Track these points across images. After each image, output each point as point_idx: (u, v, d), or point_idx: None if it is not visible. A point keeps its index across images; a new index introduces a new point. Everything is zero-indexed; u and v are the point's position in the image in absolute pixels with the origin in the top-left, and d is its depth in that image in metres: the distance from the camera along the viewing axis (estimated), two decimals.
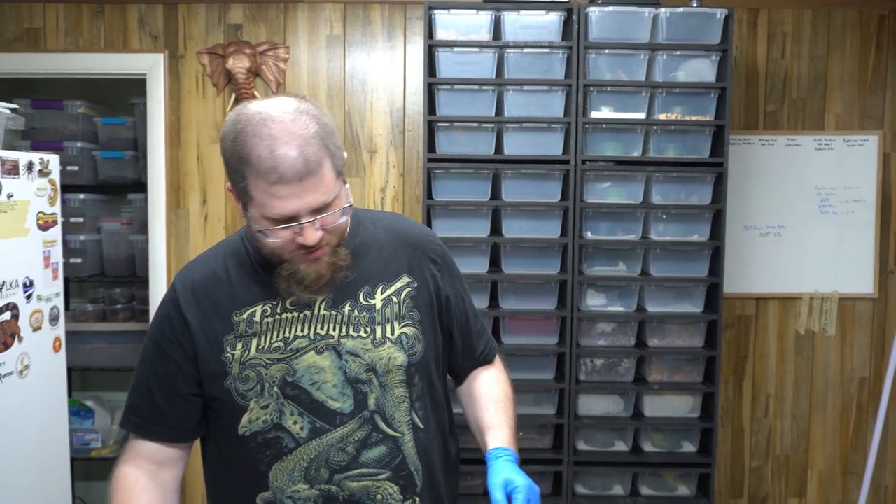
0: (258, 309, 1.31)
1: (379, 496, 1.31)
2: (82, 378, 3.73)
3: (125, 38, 3.04)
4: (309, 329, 1.31)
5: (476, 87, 2.62)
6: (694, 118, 2.64)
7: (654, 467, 2.77)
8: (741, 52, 3.06)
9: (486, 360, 1.54)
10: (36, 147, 3.17)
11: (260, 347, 1.30)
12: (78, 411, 3.34)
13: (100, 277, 3.43)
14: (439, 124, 2.64)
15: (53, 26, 3.04)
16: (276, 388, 1.28)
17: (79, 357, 3.33)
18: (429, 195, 2.67)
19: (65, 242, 3.18)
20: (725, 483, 3.21)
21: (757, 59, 3.07)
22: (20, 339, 2.29)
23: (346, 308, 1.33)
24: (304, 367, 1.29)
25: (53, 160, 2.49)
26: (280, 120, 1.18)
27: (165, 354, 1.33)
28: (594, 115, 2.63)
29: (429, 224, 2.70)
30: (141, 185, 3.26)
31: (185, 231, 3.07)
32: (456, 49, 2.62)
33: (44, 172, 2.41)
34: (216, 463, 1.40)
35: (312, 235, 1.22)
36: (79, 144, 3.30)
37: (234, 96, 2.99)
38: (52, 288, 2.47)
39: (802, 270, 3.14)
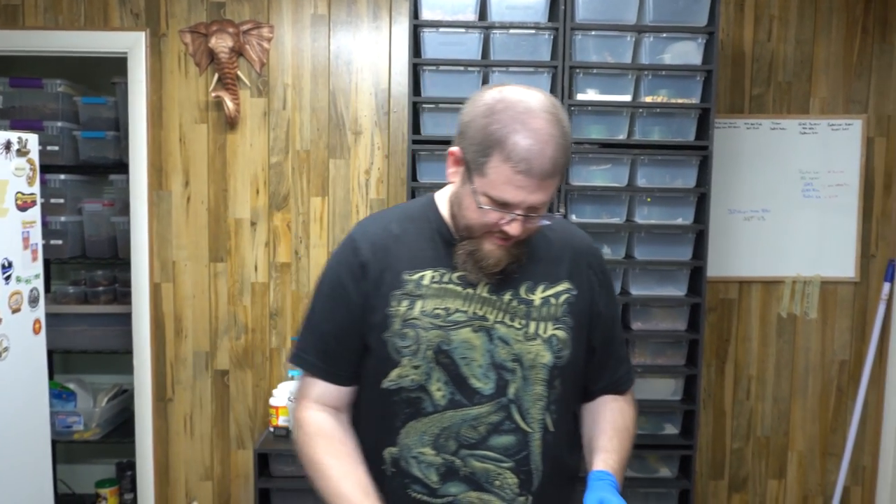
0: (428, 273, 1.35)
1: (497, 483, 1.34)
2: (64, 361, 3.70)
3: (106, 15, 2.99)
4: (469, 306, 1.34)
5: (462, 68, 2.60)
6: (680, 101, 2.64)
7: (636, 449, 2.71)
8: (728, 35, 3.05)
9: (620, 390, 1.53)
10: (15, 126, 3.12)
11: (423, 310, 1.33)
12: (60, 394, 3.31)
13: (81, 259, 3.39)
14: (424, 106, 2.63)
15: (32, 3, 2.99)
16: (430, 352, 1.31)
17: (60, 339, 3.31)
18: (413, 177, 2.66)
19: (45, 223, 3.14)
20: (707, 464, 3.25)
21: (744, 41, 3.06)
22: None
23: (507, 297, 1.35)
24: (459, 339, 1.32)
25: (32, 139, 2.45)
26: (542, 117, 1.21)
27: (342, 299, 1.37)
28: (580, 97, 2.62)
29: None
30: (122, 166, 3.22)
31: (168, 212, 3.05)
32: (441, 29, 2.60)
33: (22, 152, 2.37)
34: (359, 416, 1.43)
35: (517, 228, 1.26)
36: (59, 124, 3.25)
37: (216, 76, 2.95)
38: (31, 269, 2.45)
39: (785, 254, 3.15)
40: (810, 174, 3.12)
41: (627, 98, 2.62)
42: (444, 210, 1.39)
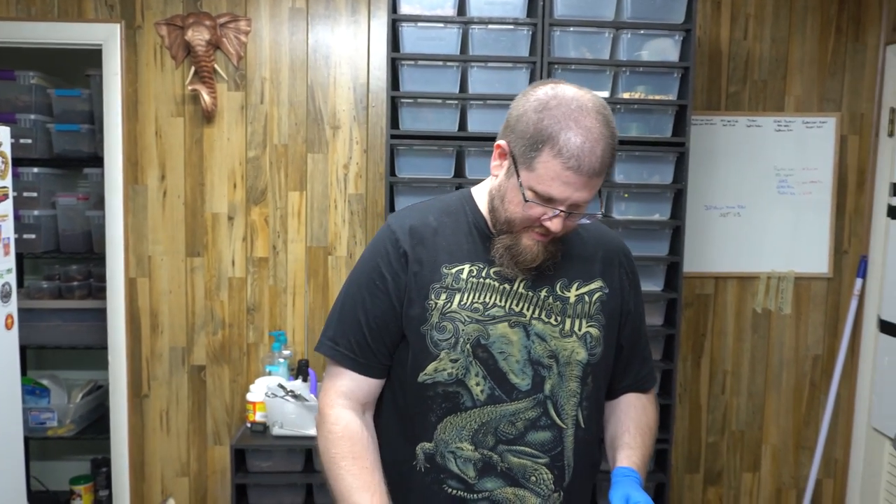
0: (466, 267, 1.36)
1: (533, 478, 1.35)
2: (38, 356, 3.66)
3: (80, 6, 2.95)
4: (506, 302, 1.34)
5: (440, 62, 2.60)
6: (657, 97, 2.65)
7: None
8: (705, 33, 3.08)
9: (644, 388, 1.56)
10: None
11: (461, 303, 1.33)
12: (33, 390, 3.28)
13: (55, 254, 3.35)
14: (403, 100, 2.62)
15: None
16: (468, 346, 1.32)
17: (34, 335, 3.27)
18: (392, 172, 2.65)
19: (18, 217, 3.10)
20: (682, 458, 3.28)
21: (720, 39, 3.09)
22: None
23: (543, 293, 1.37)
24: (497, 334, 1.33)
25: (4, 132, 2.41)
26: (594, 116, 1.22)
27: (379, 289, 1.37)
28: None
29: (392, 201, 2.68)
30: (97, 160, 3.19)
31: (143, 207, 3.01)
32: (420, 24, 2.59)
33: None
34: (384, 408, 1.45)
35: (558, 225, 1.27)
36: (32, 117, 3.21)
37: (193, 69, 2.92)
38: (3, 264, 2.41)
39: (760, 250, 3.19)
40: (785, 171, 3.16)
41: (605, 94, 2.63)
42: (482, 204, 1.40)
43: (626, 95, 2.65)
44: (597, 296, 1.41)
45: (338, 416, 1.36)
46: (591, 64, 2.62)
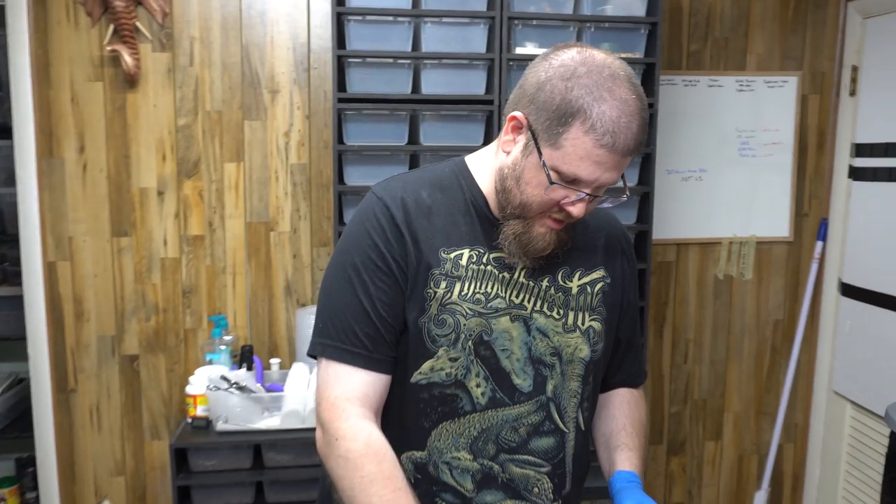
0: (466, 252, 1.18)
1: (536, 489, 1.20)
2: None
3: None
4: (506, 292, 1.18)
5: (391, 17, 2.37)
6: (623, 55, 2.49)
7: None
8: None
9: (636, 383, 1.42)
10: None
11: (462, 293, 1.16)
12: None
13: None
14: (350, 60, 2.39)
15: None
16: (470, 343, 1.16)
17: None
18: (340, 140, 2.43)
19: None
20: None
21: None
22: None
23: (545, 283, 1.21)
24: (499, 329, 1.17)
25: None
26: (627, 86, 1.06)
27: (381, 270, 1.16)
28: (518, 51, 2.44)
29: (341, 172, 2.46)
30: (6, 131, 2.85)
31: (61, 182, 2.71)
32: None
33: None
34: None
35: (581, 210, 1.12)
36: None
37: (112, 27, 2.62)
38: None
39: (722, 215, 3.09)
40: (746, 133, 3.06)
41: None
42: (480, 179, 1.21)
43: None
44: (599, 286, 1.26)
45: (355, 429, 1.11)
46: (553, 19, 2.43)
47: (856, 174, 2.95)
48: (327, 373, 1.17)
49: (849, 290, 2.98)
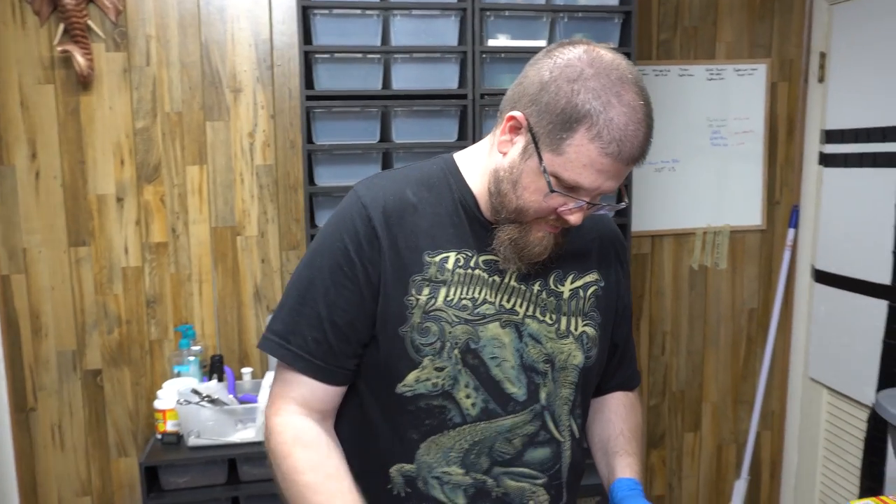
0: (451, 255, 1.12)
1: (532, 502, 1.15)
2: None
3: None
4: (496, 297, 1.13)
5: (359, 10, 2.29)
6: None
7: None
8: None
9: (631, 386, 1.41)
10: None
11: (447, 299, 1.10)
12: None
13: None
14: (317, 56, 2.30)
15: None
16: (456, 352, 1.10)
17: None
18: (309, 139, 2.34)
19: None
20: None
21: None
22: None
23: (536, 287, 1.16)
24: (488, 336, 1.11)
25: None
26: (635, 90, 1.00)
27: (346, 277, 1.10)
28: (491, 43, 2.38)
29: (311, 173, 2.37)
30: None
31: (12, 191, 2.57)
32: None
33: None
34: (350, 422, 1.19)
35: (580, 218, 1.07)
36: None
37: (62, 26, 2.48)
38: None
39: (696, 205, 3.07)
40: (717, 122, 3.04)
41: (542, 44, 2.40)
42: (470, 178, 1.15)
43: None
44: (591, 290, 1.21)
45: (285, 424, 1.11)
46: (525, 10, 2.37)
47: (826, 160, 2.95)
48: (277, 370, 1.17)
49: (822, 277, 2.98)
